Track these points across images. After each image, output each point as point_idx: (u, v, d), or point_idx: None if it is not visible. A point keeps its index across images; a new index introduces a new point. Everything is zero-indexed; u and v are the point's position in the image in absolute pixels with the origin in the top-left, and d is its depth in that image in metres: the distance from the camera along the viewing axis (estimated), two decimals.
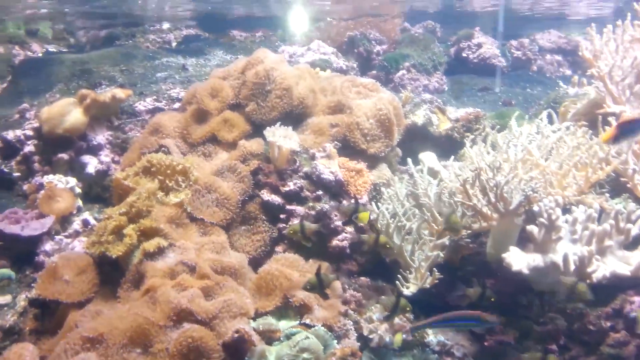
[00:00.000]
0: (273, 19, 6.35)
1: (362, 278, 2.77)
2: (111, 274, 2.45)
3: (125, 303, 2.27)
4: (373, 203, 2.87)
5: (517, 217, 2.35)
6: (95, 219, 2.98)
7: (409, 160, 2.97)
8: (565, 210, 2.35)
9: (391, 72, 5.16)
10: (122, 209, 2.52)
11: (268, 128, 2.82)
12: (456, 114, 3.43)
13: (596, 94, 2.90)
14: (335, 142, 2.97)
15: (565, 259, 2.12)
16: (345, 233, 2.77)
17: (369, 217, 2.66)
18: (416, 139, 3.43)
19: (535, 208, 2.28)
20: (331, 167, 2.85)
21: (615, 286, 2.24)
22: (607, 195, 2.45)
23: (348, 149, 3.01)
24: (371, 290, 2.74)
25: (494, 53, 5.90)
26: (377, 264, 2.84)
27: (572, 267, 2.11)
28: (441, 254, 2.52)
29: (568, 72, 6.80)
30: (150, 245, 2.40)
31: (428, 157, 3.12)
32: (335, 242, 2.74)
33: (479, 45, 5.96)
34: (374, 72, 5.21)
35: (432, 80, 5.26)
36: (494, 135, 2.82)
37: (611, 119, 2.59)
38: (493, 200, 2.32)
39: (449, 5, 7.06)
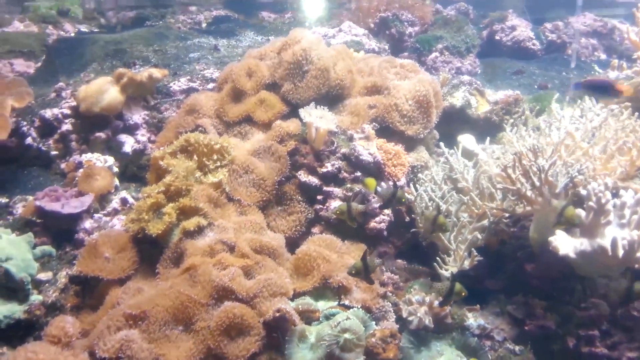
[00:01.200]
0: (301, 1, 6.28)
1: (399, 260, 2.76)
2: (150, 252, 2.47)
3: (165, 281, 2.29)
4: (411, 185, 2.83)
5: (561, 200, 2.29)
6: (134, 197, 3.00)
7: (442, 143, 2.93)
8: (612, 195, 2.29)
9: (423, 54, 5.06)
10: (161, 187, 2.53)
11: (304, 108, 2.79)
12: (495, 97, 3.35)
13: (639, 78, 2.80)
14: (374, 123, 2.93)
15: (614, 243, 2.06)
16: (383, 215, 2.74)
17: (406, 200, 2.64)
18: (454, 122, 3.37)
19: (583, 192, 2.22)
20: (369, 148, 2.81)
21: None
22: None
23: (386, 130, 2.97)
24: (408, 272, 2.72)
25: (528, 35, 5.74)
26: (412, 247, 2.81)
27: (621, 252, 2.05)
28: (480, 236, 2.48)
29: (603, 56, 6.60)
30: (190, 223, 2.41)
31: (467, 140, 3.06)
32: (372, 224, 2.72)
33: (513, 28, 5.80)
34: (406, 54, 5.11)
35: (465, 62, 5.15)
36: (534, 119, 2.75)
37: None
38: (537, 184, 2.26)
39: None
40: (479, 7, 6.52)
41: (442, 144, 2.95)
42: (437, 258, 2.49)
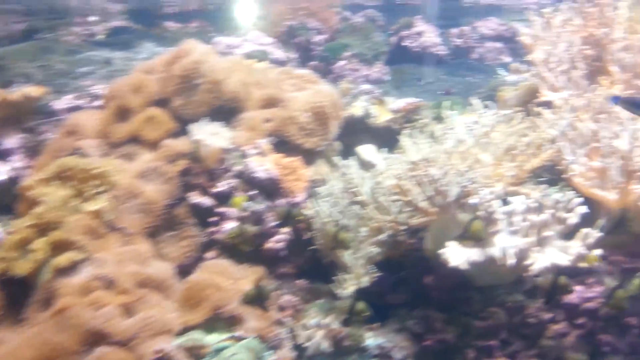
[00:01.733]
0: (210, 10, 6.08)
1: (300, 281, 2.64)
2: (19, 295, 2.20)
3: (33, 327, 2.03)
4: (312, 200, 2.73)
5: (457, 211, 2.26)
6: (8, 232, 2.69)
7: (339, 156, 2.88)
8: (505, 200, 2.29)
9: (331, 62, 5.02)
10: (31, 220, 2.28)
11: (194, 124, 2.63)
12: (396, 105, 3.33)
13: (533, 81, 2.86)
14: (270, 137, 2.81)
15: (504, 252, 2.05)
16: (281, 234, 2.62)
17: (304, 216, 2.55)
18: (356, 132, 3.31)
19: (473, 201, 2.20)
20: (265, 164, 2.69)
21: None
22: (545, 184, 2.40)
23: (284, 144, 2.85)
24: (309, 293, 2.60)
25: (435, 42, 5.86)
26: (313, 265, 2.71)
27: (511, 261, 2.04)
28: (377, 251, 2.42)
29: (508, 59, 6.87)
30: (63, 259, 2.16)
31: (366, 150, 3.01)
32: (269, 244, 2.59)
33: (420, 34, 5.90)
34: (315, 62, 5.06)
35: (373, 70, 5.16)
36: (431, 126, 2.74)
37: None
38: (430, 194, 2.22)
39: None
40: (391, 14, 6.60)
41: (339, 157, 2.88)
42: (336, 277, 2.40)
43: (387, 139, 3.25)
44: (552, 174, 2.45)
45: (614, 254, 2.33)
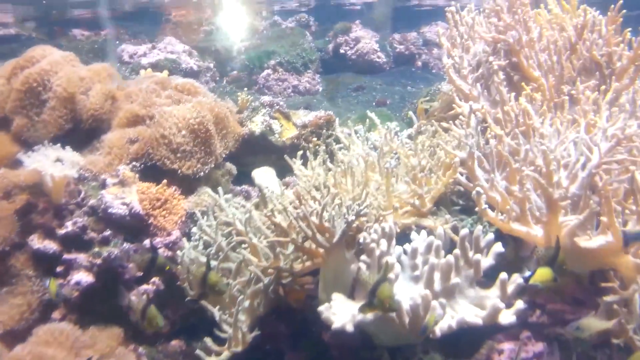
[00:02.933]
0: (125, 15, 5.54)
1: (174, 342, 2.13)
2: None
3: None
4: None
5: (347, 251, 1.80)
6: None
7: (233, 182, 2.39)
8: (403, 236, 1.85)
9: (255, 72, 4.55)
10: None
11: (33, 150, 2.10)
12: (305, 119, 2.87)
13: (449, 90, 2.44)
14: (134, 162, 2.30)
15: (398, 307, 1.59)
16: (147, 285, 2.11)
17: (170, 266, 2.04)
18: (258, 152, 2.84)
19: (362, 239, 1.75)
20: (126, 196, 2.17)
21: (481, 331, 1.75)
22: (457, 214, 1.96)
23: (154, 169, 2.35)
24: (185, 357, 2.10)
25: (373, 48, 5.46)
26: (193, 322, 2.21)
27: (407, 319, 1.58)
28: (257, 303, 1.93)
29: None
30: None
31: (262, 174, 2.53)
32: (132, 297, 2.07)
33: (357, 40, 5.50)
34: (235, 72, 4.58)
35: (303, 80, 4.72)
36: (353, 141, 2.29)
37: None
38: (309, 232, 1.75)
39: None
40: (326, 19, 6.17)
41: (229, 183, 2.40)
42: (205, 341, 1.90)
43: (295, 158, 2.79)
44: (469, 200, 2.01)
45: (552, 301, 1.90)
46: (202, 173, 2.39)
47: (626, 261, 1.71)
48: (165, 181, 2.28)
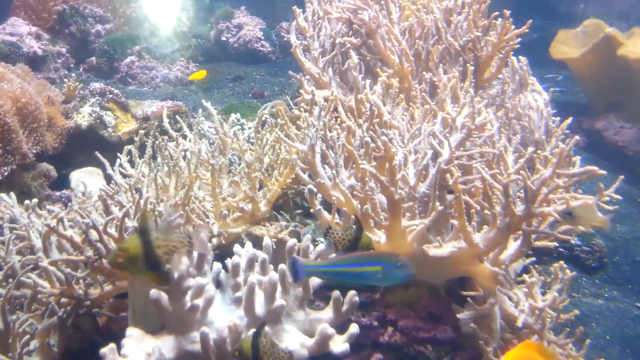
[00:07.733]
0: None
1: None
2: None
3: None
4: None
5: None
6: None
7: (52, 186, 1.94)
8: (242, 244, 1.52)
9: (116, 58, 4.03)
10: None
11: None
12: (148, 110, 2.46)
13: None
14: None
15: (204, 340, 1.26)
16: None
17: None
18: (90, 148, 2.38)
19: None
20: None
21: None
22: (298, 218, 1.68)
23: None
24: None
25: (256, 36, 5.11)
26: None
27: (213, 357, 1.25)
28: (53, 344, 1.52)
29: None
30: None
31: (82, 176, 2.10)
32: None
33: (240, 27, 5.13)
34: (93, 58, 4.03)
35: (175, 68, 4.26)
36: (165, 142, 1.92)
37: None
38: (104, 247, 1.38)
39: None
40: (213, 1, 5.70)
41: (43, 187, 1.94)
42: None
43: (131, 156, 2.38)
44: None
45: (405, 316, 1.64)
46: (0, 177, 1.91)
47: (482, 269, 1.51)
48: None
